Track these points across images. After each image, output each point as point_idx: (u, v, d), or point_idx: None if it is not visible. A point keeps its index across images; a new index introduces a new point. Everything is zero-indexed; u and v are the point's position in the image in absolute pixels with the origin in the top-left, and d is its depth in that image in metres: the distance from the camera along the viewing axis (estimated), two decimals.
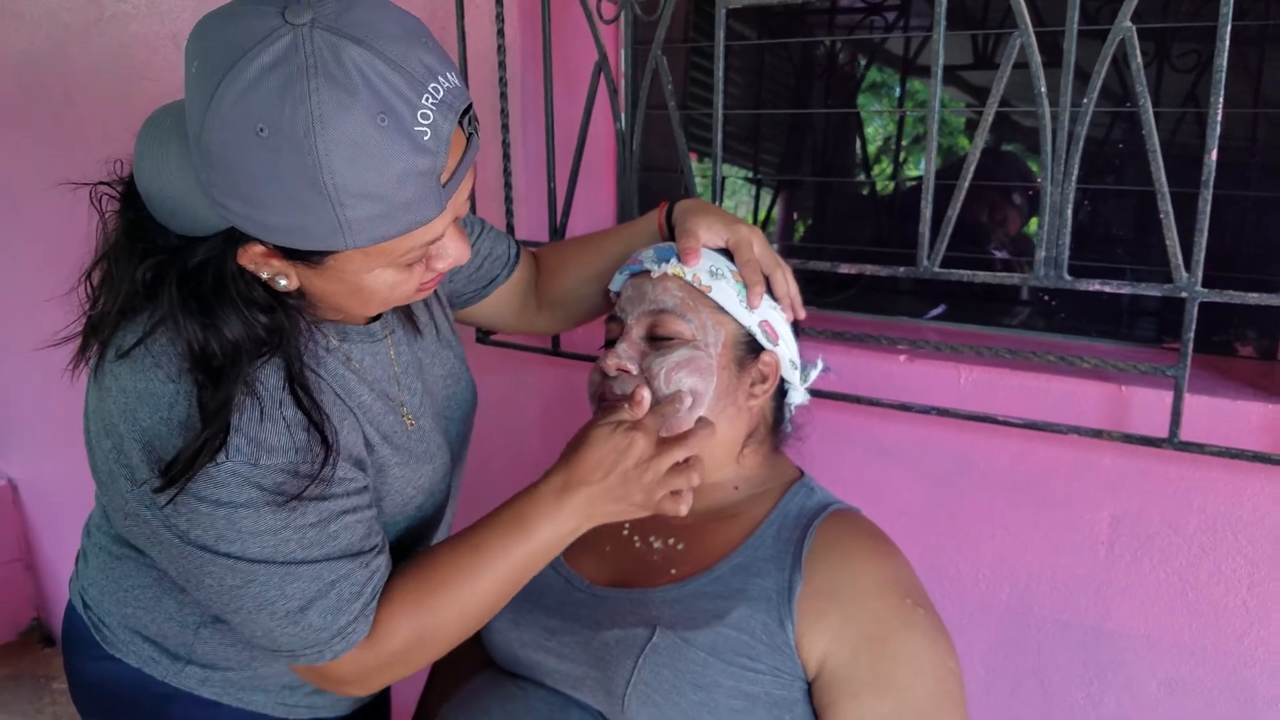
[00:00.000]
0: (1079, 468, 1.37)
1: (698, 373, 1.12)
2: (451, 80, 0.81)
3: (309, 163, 0.76)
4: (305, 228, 0.81)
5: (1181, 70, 1.48)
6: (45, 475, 3.37)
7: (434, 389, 1.22)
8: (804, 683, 1.03)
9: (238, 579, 0.94)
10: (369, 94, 0.76)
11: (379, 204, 0.80)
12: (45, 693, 3.25)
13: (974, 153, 1.29)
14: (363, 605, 0.99)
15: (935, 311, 1.71)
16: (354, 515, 0.99)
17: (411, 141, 0.78)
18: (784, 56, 1.89)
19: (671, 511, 1.01)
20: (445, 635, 1.03)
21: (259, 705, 1.19)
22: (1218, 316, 1.45)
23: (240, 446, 0.90)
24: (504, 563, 1.02)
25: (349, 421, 1.03)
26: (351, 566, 0.98)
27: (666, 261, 1.16)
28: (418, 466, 1.13)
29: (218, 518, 0.92)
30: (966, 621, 1.48)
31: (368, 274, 0.91)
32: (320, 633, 0.97)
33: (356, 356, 1.08)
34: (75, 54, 2.63)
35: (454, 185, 0.86)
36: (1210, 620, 1.32)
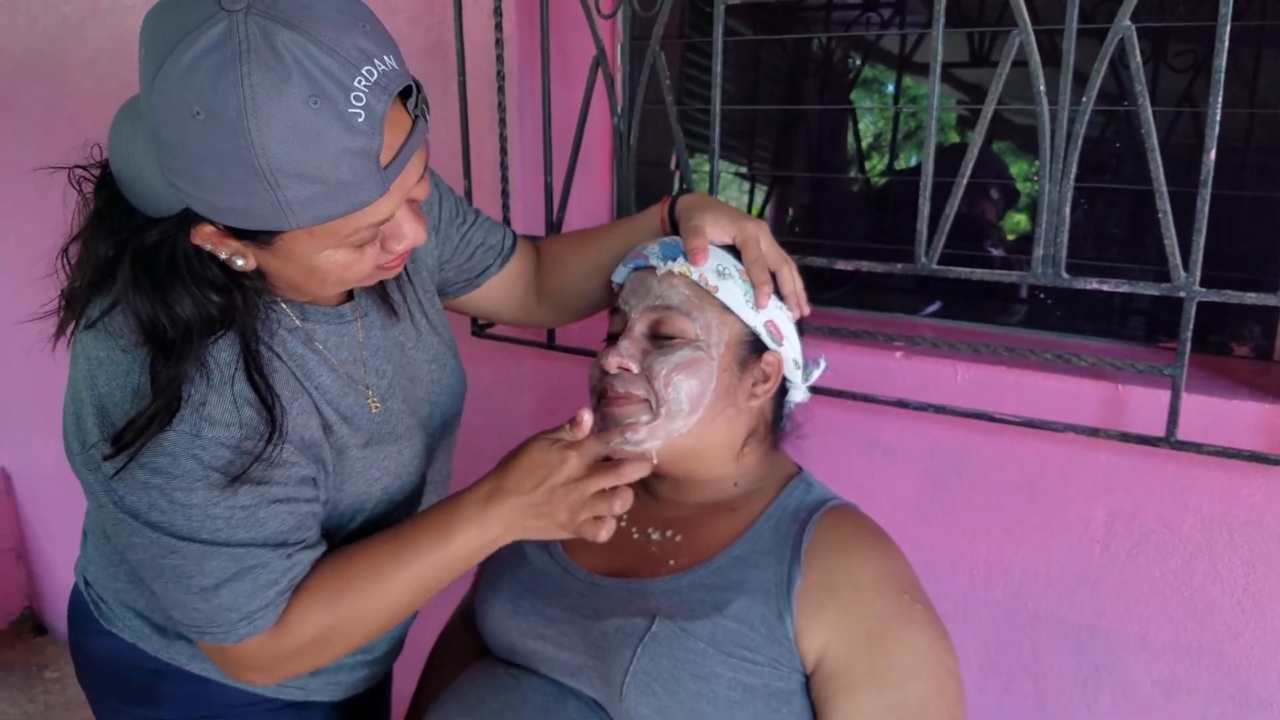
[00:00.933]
0: (1075, 466, 1.37)
1: (698, 375, 1.11)
2: (389, 63, 0.83)
3: (243, 145, 0.78)
4: (248, 209, 0.83)
5: (1178, 70, 1.48)
6: (37, 465, 3.36)
7: (415, 373, 1.22)
8: (802, 675, 1.03)
9: (161, 549, 0.96)
10: (301, 77, 0.78)
11: (317, 185, 0.82)
12: (38, 681, 3.24)
13: (973, 150, 1.29)
14: (276, 595, 1.00)
15: (931, 308, 1.71)
16: (287, 505, 1.01)
17: (344, 123, 0.80)
18: (779, 53, 1.89)
19: (591, 536, 1.01)
20: (353, 632, 1.05)
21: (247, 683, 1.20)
22: (1214, 316, 1.45)
23: (185, 416, 0.93)
24: (420, 565, 1.03)
25: (303, 402, 1.04)
26: (271, 556, 0.99)
27: (674, 259, 1.14)
28: (381, 448, 1.13)
29: (152, 486, 0.94)
30: (961, 618, 1.49)
31: (318, 254, 0.92)
32: (229, 613, 0.98)
33: (320, 337, 1.09)
34: (72, 46, 2.62)
35: (398, 167, 0.87)
36: (1205, 619, 1.32)
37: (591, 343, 1.69)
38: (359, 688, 1.32)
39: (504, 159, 1.72)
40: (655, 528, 1.18)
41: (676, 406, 1.10)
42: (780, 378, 1.19)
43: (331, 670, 1.26)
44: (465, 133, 1.75)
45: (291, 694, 1.24)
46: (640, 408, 1.11)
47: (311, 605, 1.02)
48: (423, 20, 1.84)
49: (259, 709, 1.23)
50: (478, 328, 1.82)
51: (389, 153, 0.85)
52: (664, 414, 1.10)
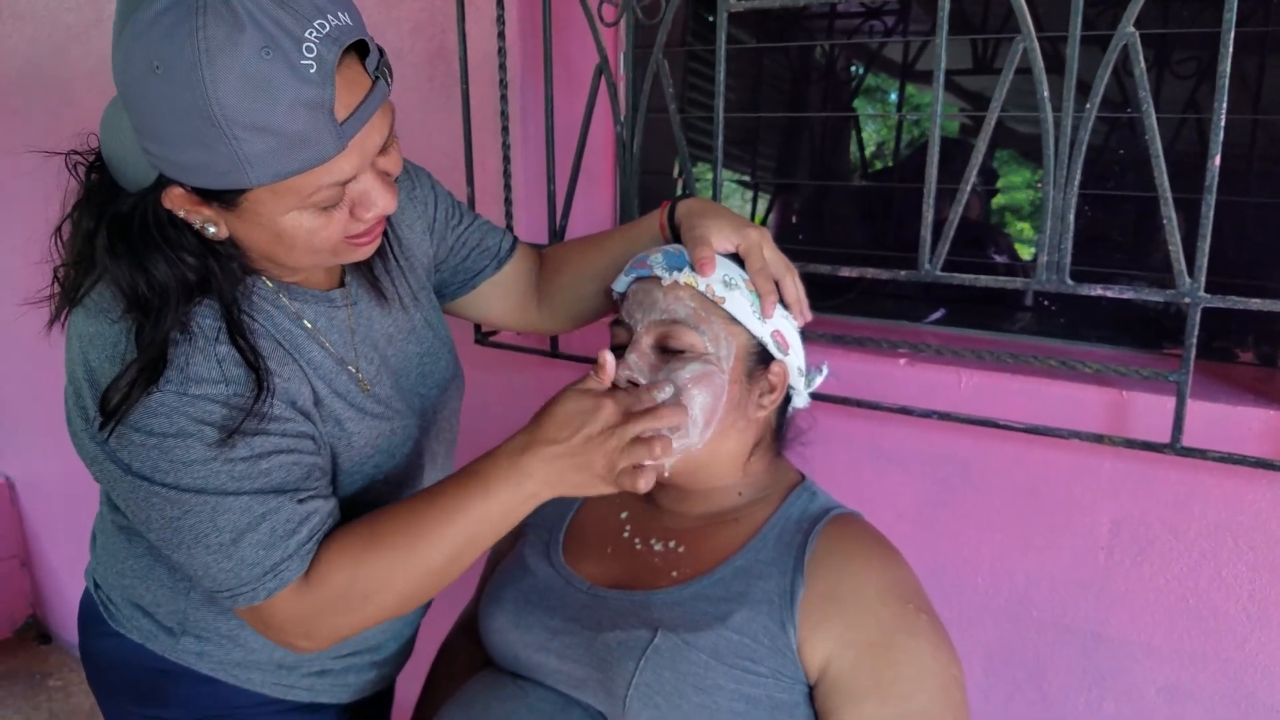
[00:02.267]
0: (1079, 472, 1.37)
1: (710, 390, 1.10)
2: (343, 19, 0.85)
3: (198, 96, 0.81)
4: (208, 164, 0.86)
5: (1182, 77, 1.48)
6: (42, 473, 3.36)
7: (402, 365, 1.23)
8: (805, 686, 1.03)
9: (175, 510, 0.98)
10: (254, 29, 0.81)
11: (272, 137, 0.84)
12: (41, 690, 3.25)
13: (976, 156, 1.29)
14: (297, 544, 1.00)
15: (934, 316, 1.71)
16: (289, 456, 1.01)
17: (296, 73, 0.82)
18: (782, 62, 1.89)
19: (630, 487, 0.98)
20: (389, 587, 1.02)
21: (255, 684, 1.22)
22: (1218, 323, 1.45)
23: (171, 377, 0.95)
24: (457, 521, 1.02)
25: (292, 369, 1.06)
26: (281, 501, 0.99)
27: (679, 270, 1.12)
28: (374, 424, 1.14)
29: (150, 446, 0.96)
30: (965, 626, 1.48)
31: (282, 216, 0.93)
32: (253, 568, 0.98)
33: (309, 316, 1.11)
34: (75, 54, 2.63)
35: (355, 124, 0.88)
36: (1210, 626, 1.32)
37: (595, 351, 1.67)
38: (367, 690, 1.33)
39: (507, 167, 1.72)
40: (658, 538, 1.17)
41: (691, 422, 1.09)
42: (786, 387, 1.19)
43: (340, 672, 1.27)
44: (468, 141, 1.75)
45: (299, 695, 1.25)
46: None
47: (340, 555, 1.01)
48: (426, 29, 1.85)
49: (266, 710, 1.24)
50: (481, 336, 1.82)
51: (345, 109, 0.87)
52: (677, 430, 1.09)
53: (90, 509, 1.24)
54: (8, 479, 3.51)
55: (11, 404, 3.36)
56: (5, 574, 3.53)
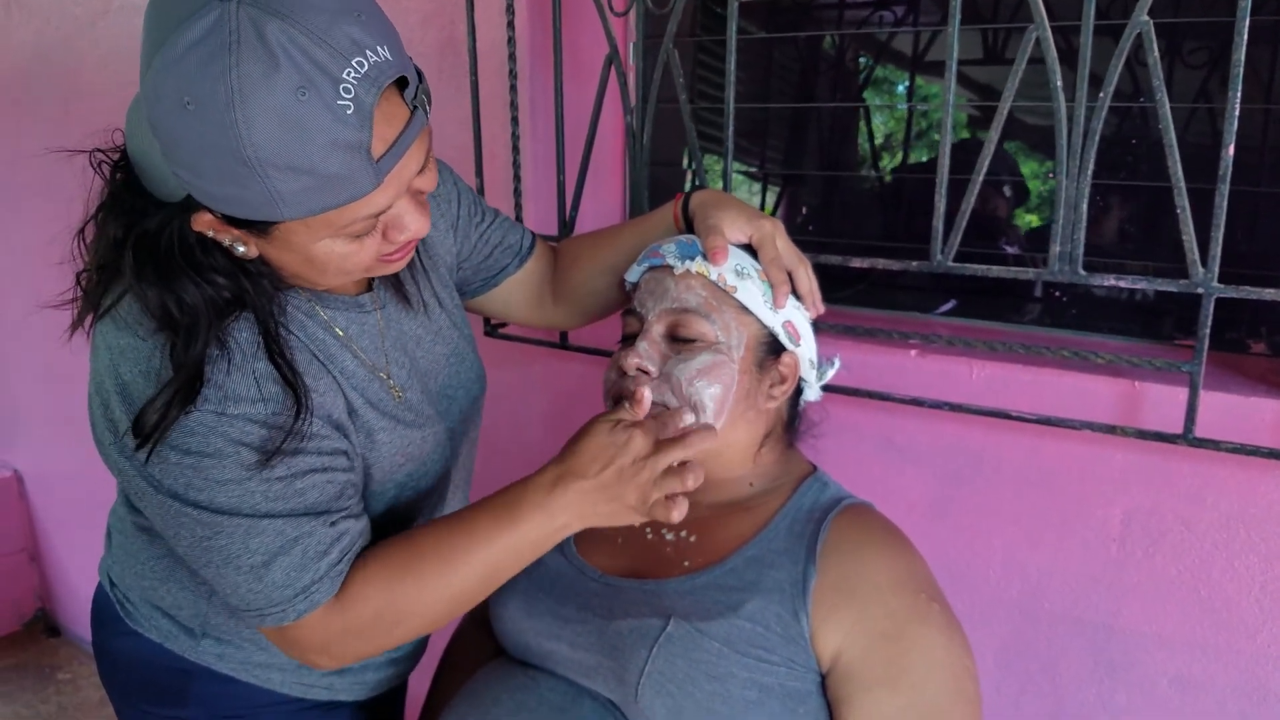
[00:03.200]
0: (1091, 464, 1.36)
1: (720, 380, 1.10)
2: (382, 54, 0.82)
3: (230, 136, 0.78)
4: (242, 198, 0.84)
5: (1193, 67, 1.47)
6: (50, 467, 3.37)
7: (431, 367, 1.22)
8: (818, 675, 1.03)
9: (206, 530, 0.97)
10: (290, 68, 0.78)
11: (307, 177, 0.82)
12: (50, 683, 3.26)
13: (989, 147, 1.28)
14: (328, 566, 0.99)
15: (945, 307, 1.71)
16: (324, 475, 1.00)
17: (333, 115, 0.79)
18: (791, 53, 1.88)
19: (663, 518, 0.97)
20: (419, 613, 1.03)
21: (275, 684, 1.22)
22: (1230, 313, 1.44)
23: (209, 396, 0.94)
24: (487, 550, 1.01)
25: (327, 383, 1.04)
26: (315, 524, 0.99)
27: (691, 259, 1.13)
28: (406, 433, 1.13)
29: (185, 465, 0.95)
30: (978, 618, 1.48)
31: (315, 244, 0.92)
32: (283, 590, 0.98)
33: (341, 324, 1.09)
34: (83, 46, 2.63)
35: (393, 158, 0.86)
36: (1223, 618, 1.31)
37: (604, 342, 1.69)
38: (384, 687, 1.33)
39: (516, 158, 1.72)
40: (669, 528, 1.18)
41: (700, 412, 1.10)
42: (797, 379, 1.18)
43: (358, 670, 1.26)
44: (478, 132, 1.75)
45: (318, 694, 1.25)
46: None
47: (372, 582, 1.01)
48: (435, 20, 1.84)
49: (285, 709, 1.24)
50: (490, 328, 1.82)
51: (383, 144, 0.85)
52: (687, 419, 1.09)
53: (99, 503, 1.23)
54: (16, 472, 3.52)
55: (21, 398, 3.36)
56: (14, 568, 3.53)
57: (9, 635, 3.55)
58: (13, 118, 2.98)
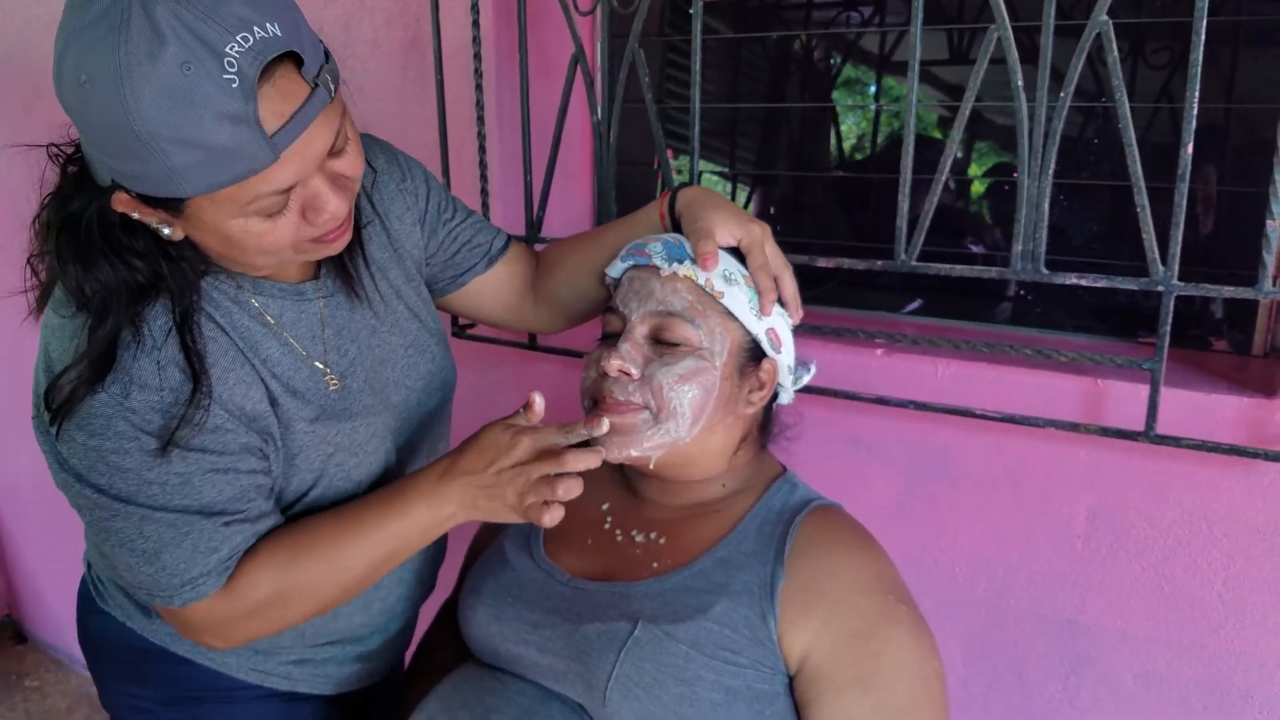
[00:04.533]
0: (1056, 461, 1.37)
1: (702, 385, 1.09)
2: (271, 30, 0.83)
3: (121, 110, 0.81)
4: (144, 174, 0.86)
5: (1155, 67, 1.49)
6: (15, 474, 3.32)
7: (387, 355, 1.22)
8: (786, 677, 1.03)
9: (104, 512, 1.00)
10: (176, 43, 0.80)
11: (199, 151, 0.83)
12: (17, 690, 3.22)
13: (950, 146, 1.29)
14: (217, 562, 1.02)
15: (912, 306, 1.71)
16: (224, 476, 1.02)
17: (218, 87, 0.81)
18: (759, 52, 1.89)
19: (536, 520, 1.01)
20: (308, 597, 1.07)
21: (230, 668, 1.24)
22: (1193, 311, 1.45)
23: (116, 379, 0.96)
24: (375, 536, 1.07)
25: (244, 373, 1.05)
26: (207, 524, 1.01)
27: (679, 262, 1.11)
28: (333, 424, 1.13)
29: (90, 448, 0.97)
30: (944, 615, 1.49)
31: (228, 222, 0.93)
32: (171, 578, 1.02)
33: (274, 311, 1.10)
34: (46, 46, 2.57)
35: (290, 134, 0.87)
36: (1186, 613, 1.32)
37: (573, 343, 1.68)
38: (353, 683, 1.33)
39: (483, 158, 1.71)
40: (639, 530, 1.17)
41: (680, 416, 1.09)
42: (775, 384, 1.19)
43: (319, 662, 1.28)
44: (443, 132, 1.74)
45: (276, 683, 1.26)
46: (641, 415, 1.10)
47: (261, 569, 1.05)
48: (400, 19, 1.83)
49: (243, 695, 1.25)
50: (459, 328, 1.81)
51: (277, 119, 0.86)
52: (666, 424, 1.09)
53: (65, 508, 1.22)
54: None
55: None
56: None
57: None
58: None
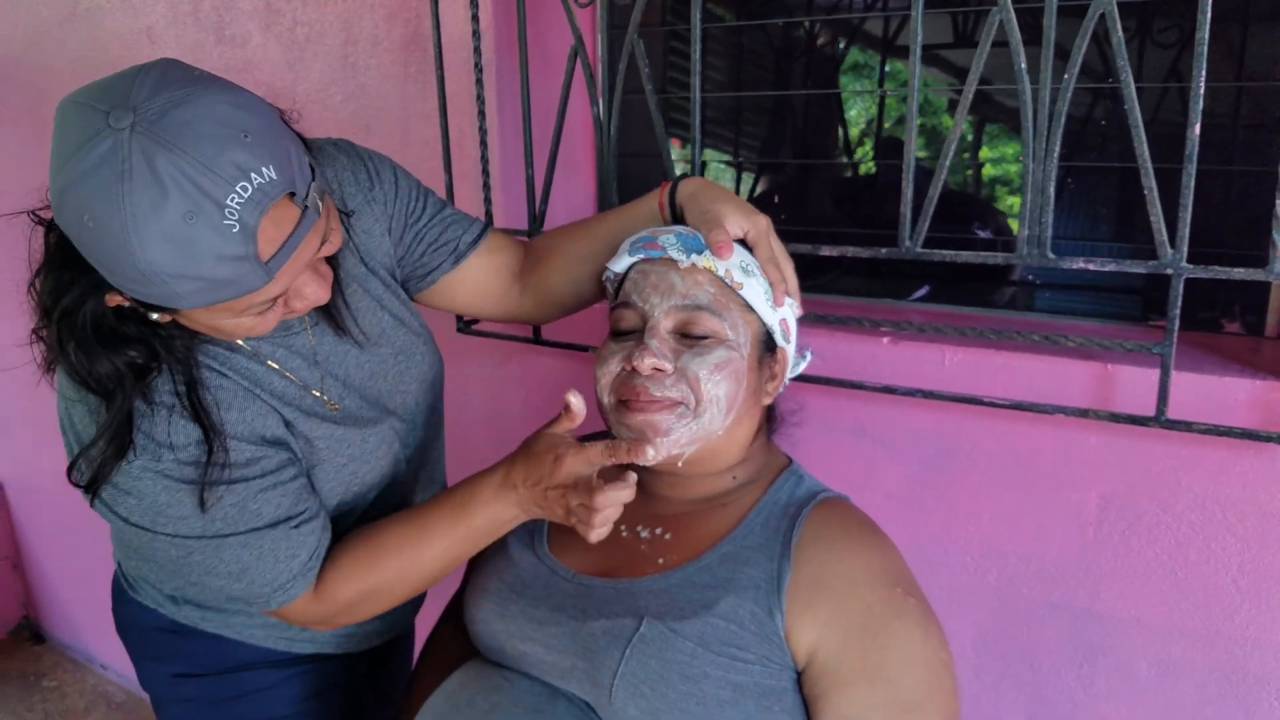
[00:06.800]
0: (1066, 448, 1.36)
1: (734, 375, 1.09)
2: (267, 174, 0.88)
3: (127, 253, 0.85)
4: (146, 293, 0.91)
5: (1164, 45, 1.46)
6: (32, 476, 3.35)
7: (377, 369, 1.27)
8: (794, 672, 1.02)
9: (178, 551, 1.08)
10: (179, 196, 0.84)
11: (198, 282, 0.89)
12: (35, 690, 3.25)
13: (954, 131, 1.27)
14: (300, 565, 1.12)
15: (919, 293, 1.70)
16: (275, 491, 1.10)
17: (219, 234, 0.86)
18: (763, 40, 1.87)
19: (583, 534, 1.04)
20: (390, 594, 1.18)
21: (259, 639, 1.33)
22: (1205, 293, 1.43)
23: (145, 446, 1.03)
24: (445, 540, 1.14)
25: (259, 408, 1.12)
26: (277, 535, 1.10)
27: (698, 253, 1.10)
28: (346, 433, 1.21)
29: (144, 508, 1.05)
30: (955, 605, 1.48)
31: (221, 321, 0.99)
32: (263, 587, 1.11)
33: (266, 352, 1.16)
34: (50, 49, 2.60)
35: (282, 257, 0.92)
36: (1200, 600, 1.31)
37: (579, 337, 1.68)
38: (373, 641, 1.43)
39: (484, 152, 1.70)
40: (645, 525, 1.16)
41: (716, 408, 1.08)
42: (786, 375, 1.18)
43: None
44: (444, 128, 1.73)
45: (302, 647, 1.35)
46: (677, 411, 1.08)
47: (345, 578, 1.15)
48: (400, 15, 1.83)
49: (271, 661, 1.35)
50: (464, 325, 1.81)
51: (271, 246, 0.91)
52: (704, 416, 1.08)
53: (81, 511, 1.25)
54: None
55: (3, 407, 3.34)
56: None
57: None
58: None
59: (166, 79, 0.88)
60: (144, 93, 0.86)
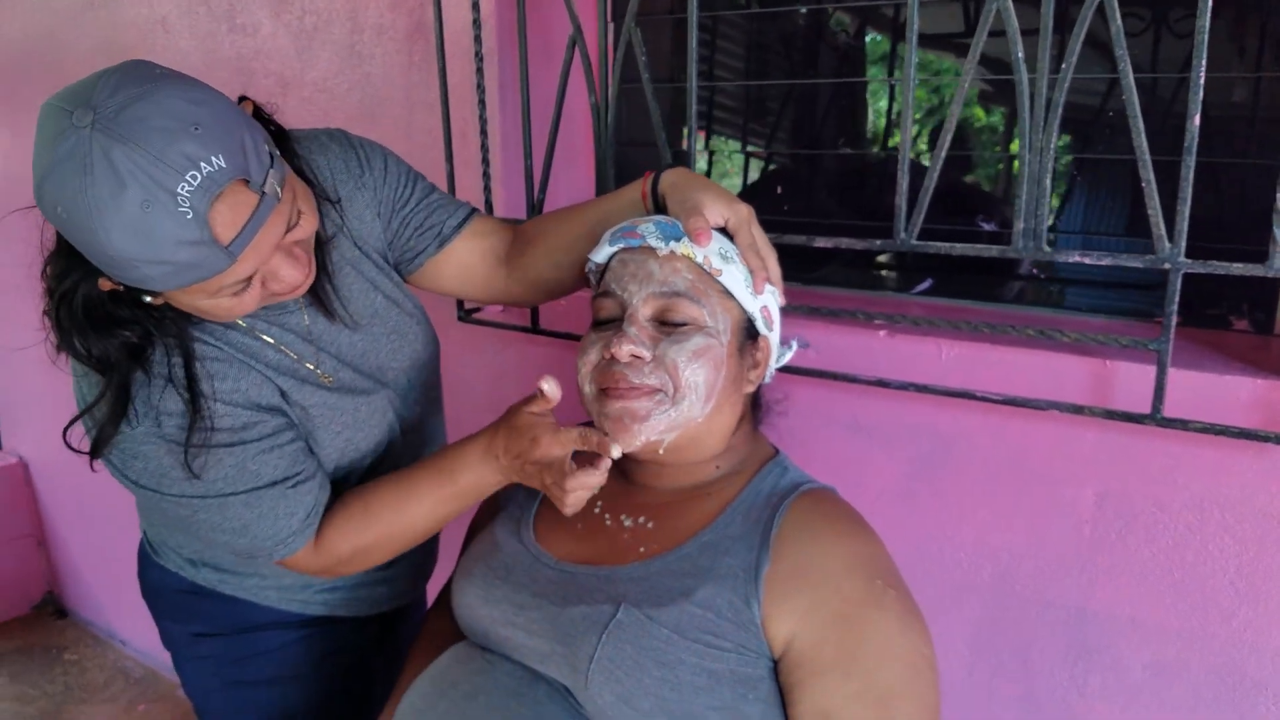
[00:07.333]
0: (1062, 444, 1.34)
1: (713, 362, 1.08)
2: (217, 163, 0.94)
3: (94, 240, 0.93)
4: (122, 276, 0.98)
5: (1180, 35, 1.43)
6: (55, 454, 3.40)
7: (370, 347, 1.33)
8: (770, 661, 1.02)
9: (185, 510, 1.16)
10: (135, 186, 0.91)
11: (165, 266, 0.95)
12: (58, 663, 3.31)
13: (950, 119, 1.25)
14: (300, 521, 1.19)
15: (922, 286, 1.67)
16: (272, 453, 1.18)
17: (175, 221, 0.92)
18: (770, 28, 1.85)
19: (557, 506, 1.10)
20: (384, 548, 1.25)
21: (273, 601, 1.41)
22: (1211, 289, 1.40)
23: (144, 413, 1.11)
24: (433, 499, 1.21)
25: (255, 377, 1.19)
26: (275, 494, 1.18)
27: (676, 240, 1.09)
28: (340, 400, 1.27)
29: (149, 470, 1.13)
30: (948, 601, 1.46)
31: (199, 302, 1.05)
32: (265, 541, 1.19)
33: (262, 328, 1.22)
34: (67, 38, 2.63)
35: (244, 240, 0.98)
36: (1197, 601, 1.29)
37: (576, 326, 1.67)
38: (383, 605, 1.50)
39: (484, 141, 1.70)
40: (628, 514, 1.16)
41: (695, 395, 1.08)
42: (769, 363, 1.17)
43: (349, 587, 1.45)
44: (446, 116, 1.73)
45: (315, 609, 1.43)
46: (655, 398, 1.08)
47: (343, 532, 1.22)
48: (403, 4, 1.83)
49: (285, 622, 1.42)
50: (464, 313, 1.81)
51: (231, 230, 0.97)
52: (682, 403, 1.08)
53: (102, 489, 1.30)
54: (21, 459, 3.56)
55: (23, 385, 3.39)
56: (22, 552, 3.60)
57: (19, 618, 3.62)
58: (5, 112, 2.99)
59: (127, 79, 0.94)
60: (105, 92, 0.93)
